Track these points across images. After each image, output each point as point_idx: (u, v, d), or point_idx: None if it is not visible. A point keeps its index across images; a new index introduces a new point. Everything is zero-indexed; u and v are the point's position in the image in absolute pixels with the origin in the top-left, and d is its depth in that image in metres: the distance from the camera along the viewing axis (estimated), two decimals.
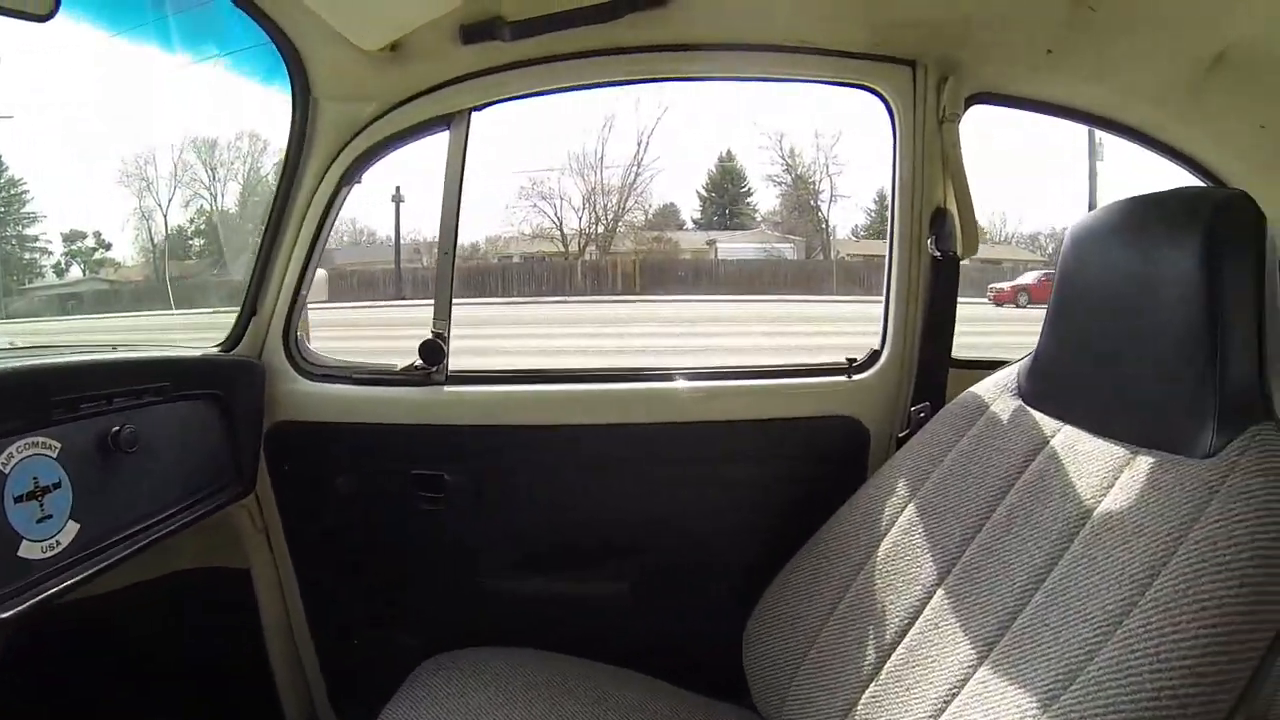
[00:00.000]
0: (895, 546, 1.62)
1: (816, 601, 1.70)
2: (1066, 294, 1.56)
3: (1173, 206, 1.36)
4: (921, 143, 2.09)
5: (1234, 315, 1.24)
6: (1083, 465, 1.40)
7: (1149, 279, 1.34)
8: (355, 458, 2.13)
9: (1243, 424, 1.21)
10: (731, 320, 19.80)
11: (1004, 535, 1.44)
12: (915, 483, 1.68)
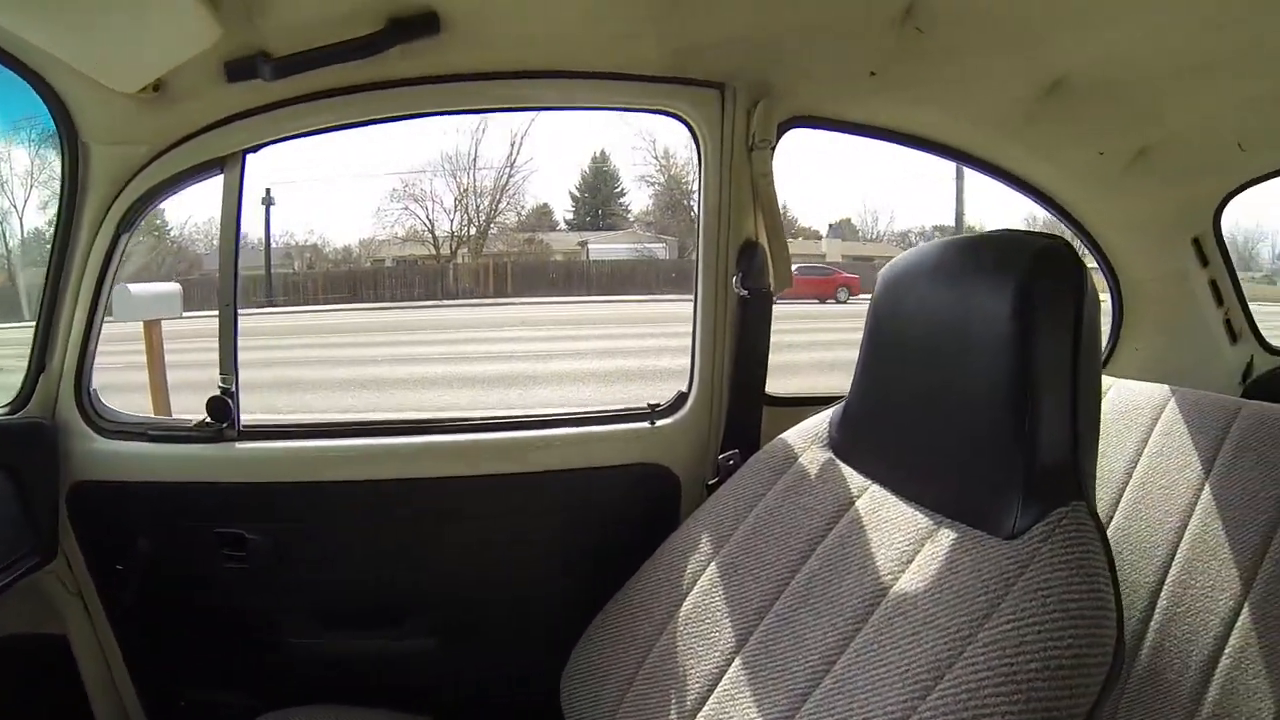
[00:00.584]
0: (697, 608, 1.53)
1: (624, 658, 1.61)
2: (877, 340, 1.48)
3: (989, 253, 1.26)
4: (729, 171, 1.97)
5: (1046, 380, 1.15)
6: (885, 534, 1.31)
7: (961, 331, 1.24)
8: (157, 517, 2.01)
9: (1050, 504, 1.12)
10: (604, 322, 19.58)
11: (801, 606, 1.35)
12: (720, 538, 1.59)
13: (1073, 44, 1.73)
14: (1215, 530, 1.82)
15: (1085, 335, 1.16)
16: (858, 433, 1.52)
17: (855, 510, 1.42)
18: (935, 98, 2.03)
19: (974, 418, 1.22)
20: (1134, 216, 2.41)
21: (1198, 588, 1.77)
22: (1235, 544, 1.77)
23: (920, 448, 1.35)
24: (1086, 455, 1.19)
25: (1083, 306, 1.16)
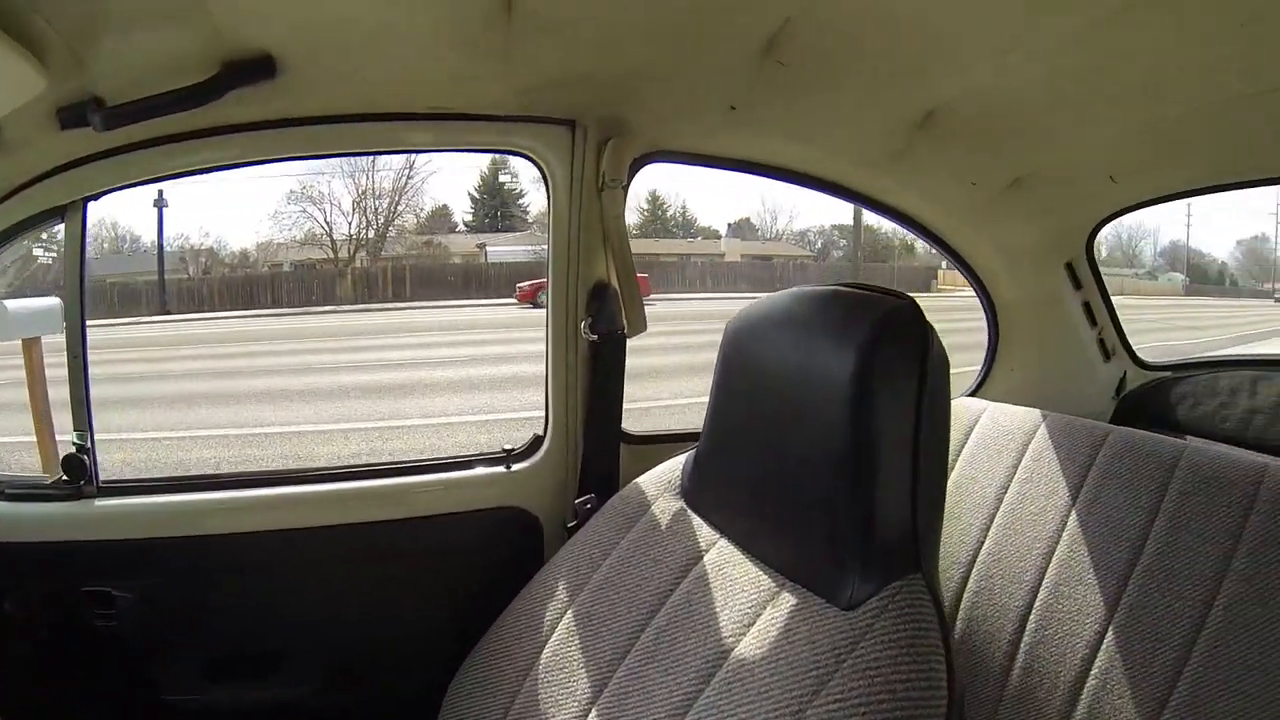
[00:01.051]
0: (556, 655, 1.51)
1: (491, 704, 1.60)
2: (724, 390, 1.44)
3: (836, 310, 1.23)
4: (579, 211, 1.93)
5: (885, 450, 1.13)
6: (729, 593, 1.29)
7: (803, 391, 1.21)
8: (19, 579, 1.91)
9: (886, 577, 1.10)
10: (504, 326, 19.82)
11: (649, 662, 1.33)
12: (575, 586, 1.57)
13: (942, 79, 1.72)
14: (1081, 555, 1.87)
15: (928, 404, 1.15)
16: (707, 483, 1.50)
17: (702, 566, 1.40)
18: (801, 131, 2.01)
19: (813, 482, 1.19)
20: (1007, 244, 2.45)
21: (1064, 611, 1.83)
22: (1100, 569, 1.82)
23: (765, 505, 1.33)
24: (928, 526, 1.18)
25: (926, 375, 1.15)
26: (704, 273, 34.16)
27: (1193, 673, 1.62)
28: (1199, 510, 1.77)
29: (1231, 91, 1.64)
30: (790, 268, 35.64)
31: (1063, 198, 2.28)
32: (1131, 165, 2.13)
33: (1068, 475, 2.00)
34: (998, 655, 1.91)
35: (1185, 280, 57.34)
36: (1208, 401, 2.66)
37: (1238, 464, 1.81)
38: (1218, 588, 1.67)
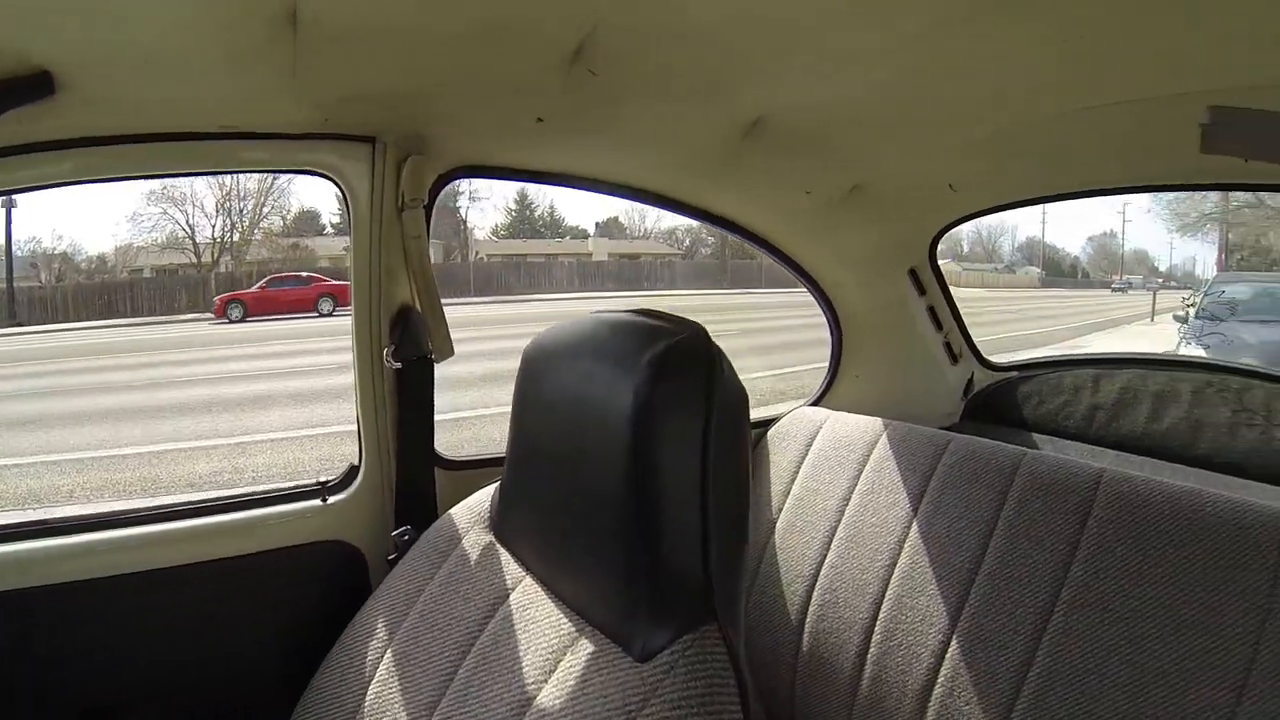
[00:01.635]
0: (379, 698, 1.45)
1: None
2: (521, 420, 1.39)
3: (623, 340, 1.16)
4: (381, 232, 1.82)
5: (670, 495, 1.06)
6: (533, 636, 1.25)
7: (590, 427, 1.15)
8: None
9: (679, 628, 1.05)
10: None
11: (461, 706, 1.29)
12: (393, 624, 1.51)
13: (769, 87, 1.67)
14: (924, 565, 1.90)
15: (718, 442, 1.09)
16: (513, 515, 1.44)
17: (508, 605, 1.35)
18: (617, 141, 1.93)
19: (602, 524, 1.13)
20: (847, 252, 2.45)
21: (909, 622, 1.86)
22: (943, 579, 1.85)
23: (564, 542, 1.26)
24: (726, 572, 1.12)
25: (712, 411, 1.08)
26: (572, 273, 34.29)
27: (1036, 677, 1.66)
28: (1038, 517, 1.80)
29: (1065, 106, 1.67)
30: (658, 266, 36.03)
31: (902, 206, 2.29)
32: (970, 175, 2.14)
33: (909, 485, 2.02)
34: (846, 666, 1.93)
35: (1041, 274, 59.63)
36: (1052, 400, 2.75)
37: (1075, 471, 1.84)
38: (1057, 594, 1.70)
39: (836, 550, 2.05)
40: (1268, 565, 1.56)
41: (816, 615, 2.02)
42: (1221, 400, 2.51)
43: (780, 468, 2.31)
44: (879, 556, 1.97)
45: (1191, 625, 1.57)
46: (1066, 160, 2.04)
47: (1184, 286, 46.93)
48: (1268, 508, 1.66)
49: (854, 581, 1.98)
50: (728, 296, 24.30)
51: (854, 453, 2.17)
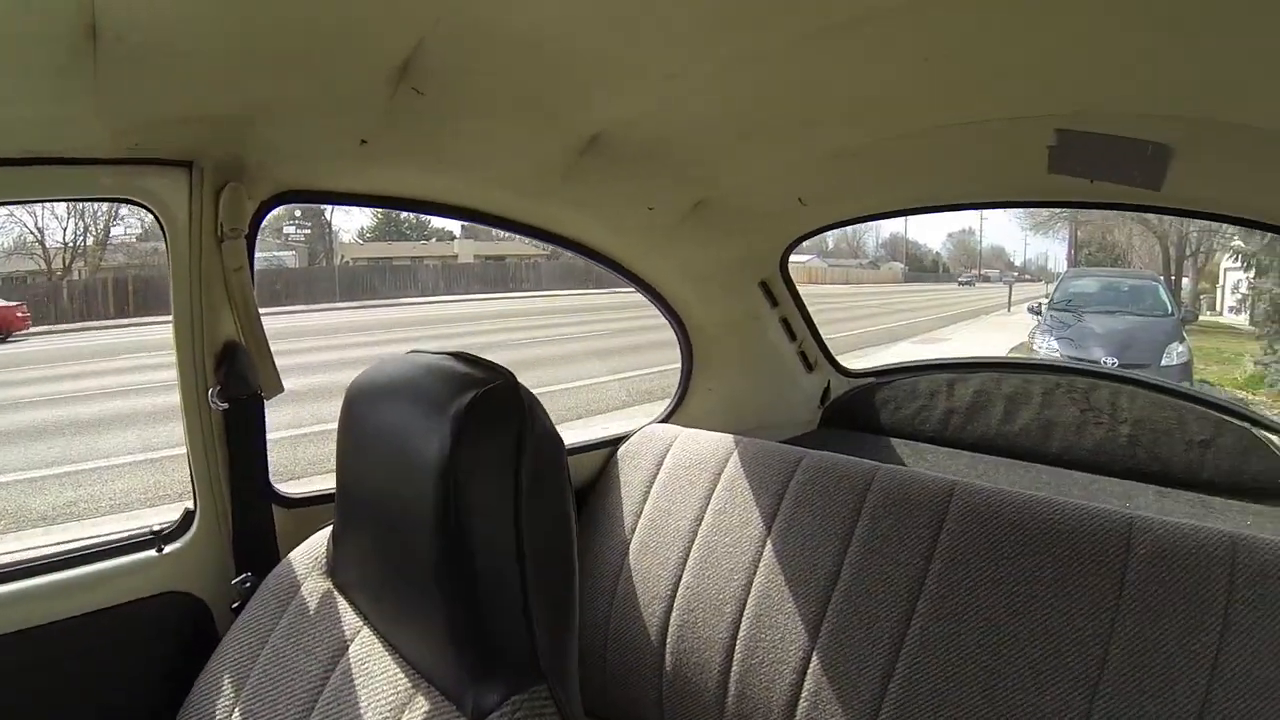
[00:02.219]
0: None
1: None
2: (346, 461, 1.33)
3: (434, 386, 1.13)
4: (200, 264, 1.68)
5: (483, 549, 1.05)
6: (372, 691, 1.19)
7: (406, 473, 1.11)
8: None
9: (507, 689, 1.03)
10: None
11: None
12: (239, 681, 1.42)
13: (605, 104, 1.63)
14: (780, 584, 1.91)
15: (532, 500, 1.08)
16: (348, 561, 1.38)
17: (348, 659, 1.29)
18: (447, 162, 1.85)
19: (425, 583, 1.09)
20: (695, 267, 2.42)
21: (769, 640, 1.88)
22: (800, 597, 1.86)
23: (394, 595, 1.22)
24: (554, 628, 1.12)
25: (522, 470, 1.07)
26: (437, 275, 33.90)
27: (897, 687, 1.72)
28: (892, 532, 1.85)
29: (914, 126, 1.70)
30: (523, 267, 35.84)
31: (750, 220, 2.28)
32: (821, 189, 2.15)
33: (761, 503, 2.03)
34: (710, 686, 1.95)
35: (904, 269, 61.13)
36: (909, 405, 2.82)
37: (927, 484, 1.89)
38: (914, 606, 1.76)
39: (692, 571, 2.05)
40: (1114, 569, 1.64)
41: (677, 636, 2.02)
42: (1070, 400, 2.62)
43: (631, 487, 2.29)
44: (735, 576, 1.98)
45: (1045, 630, 1.65)
46: (918, 176, 2.07)
47: (1037, 280, 48.88)
48: (1112, 513, 1.73)
49: (711, 602, 1.99)
50: (595, 296, 24.27)
51: (705, 471, 2.16)
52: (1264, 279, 15.38)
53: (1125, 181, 1.73)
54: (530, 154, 1.83)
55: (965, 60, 1.38)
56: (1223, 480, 2.38)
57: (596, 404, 11.11)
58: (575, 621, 1.17)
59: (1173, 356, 11.30)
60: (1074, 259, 37.34)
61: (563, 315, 21.24)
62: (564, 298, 27.22)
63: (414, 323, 19.10)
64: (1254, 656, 1.53)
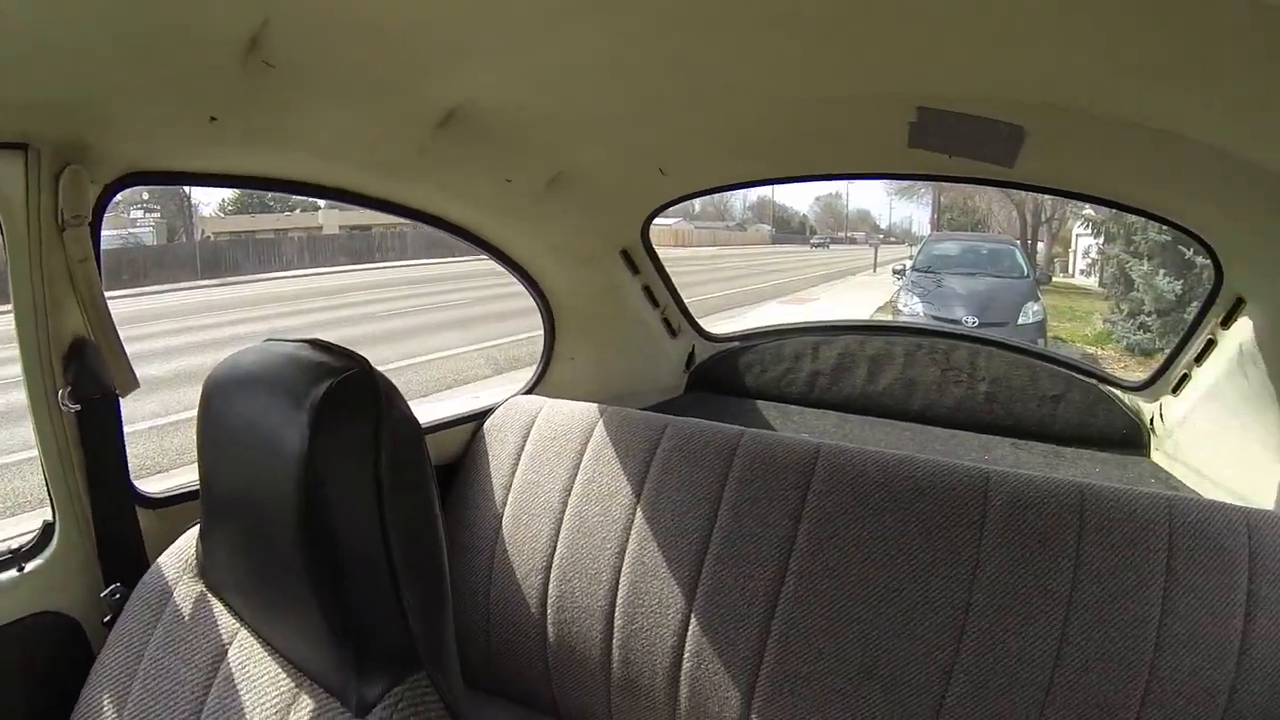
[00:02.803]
0: None
1: None
2: (207, 455, 1.26)
3: (289, 376, 1.09)
4: (41, 255, 1.52)
5: (348, 541, 1.03)
6: (256, 696, 1.15)
7: (266, 467, 1.07)
8: None
9: (387, 681, 1.02)
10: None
11: None
12: (120, 698, 1.34)
13: (460, 79, 1.60)
14: (653, 551, 1.94)
15: (393, 488, 1.06)
16: (218, 561, 1.30)
17: (228, 664, 1.23)
18: (299, 139, 1.74)
19: (295, 579, 1.05)
20: (554, 239, 2.41)
21: (648, 606, 1.93)
22: (673, 562, 1.91)
23: (267, 593, 1.18)
24: (429, 617, 1.10)
25: (381, 458, 1.05)
26: (302, 248, 32.95)
27: (775, 644, 1.81)
28: (760, 495, 1.90)
29: (775, 100, 1.72)
30: (389, 236, 35.16)
31: (610, 191, 2.28)
32: (681, 159, 2.15)
33: (629, 471, 2.05)
34: (594, 654, 1.99)
35: (772, 231, 61.85)
36: (774, 367, 2.88)
37: (793, 447, 1.95)
38: (785, 566, 1.83)
39: (565, 542, 2.07)
40: (973, 520, 1.76)
41: (557, 607, 2.04)
42: (931, 361, 2.73)
43: (499, 461, 2.28)
44: (608, 545, 2.01)
45: (913, 579, 1.77)
46: (780, 147, 2.09)
47: (901, 242, 50.14)
48: (970, 468, 1.84)
49: (587, 571, 2.02)
50: (462, 264, 23.93)
51: (571, 442, 2.17)
52: (1112, 245, 16.41)
53: (981, 158, 1.80)
54: (386, 131, 1.78)
55: (823, 39, 1.40)
56: (1072, 432, 2.59)
57: (461, 374, 10.98)
58: (449, 603, 1.16)
59: (1029, 315, 11.83)
60: (937, 224, 38.59)
61: (429, 285, 20.93)
62: (432, 266, 26.84)
63: (279, 299, 18.47)
64: (1105, 594, 1.67)
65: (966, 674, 1.70)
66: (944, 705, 1.71)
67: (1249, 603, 1.62)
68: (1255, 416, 2.04)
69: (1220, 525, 1.69)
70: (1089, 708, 1.64)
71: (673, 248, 41.19)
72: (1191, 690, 1.60)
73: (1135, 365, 12.69)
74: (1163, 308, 13.44)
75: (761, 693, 1.83)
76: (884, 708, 1.75)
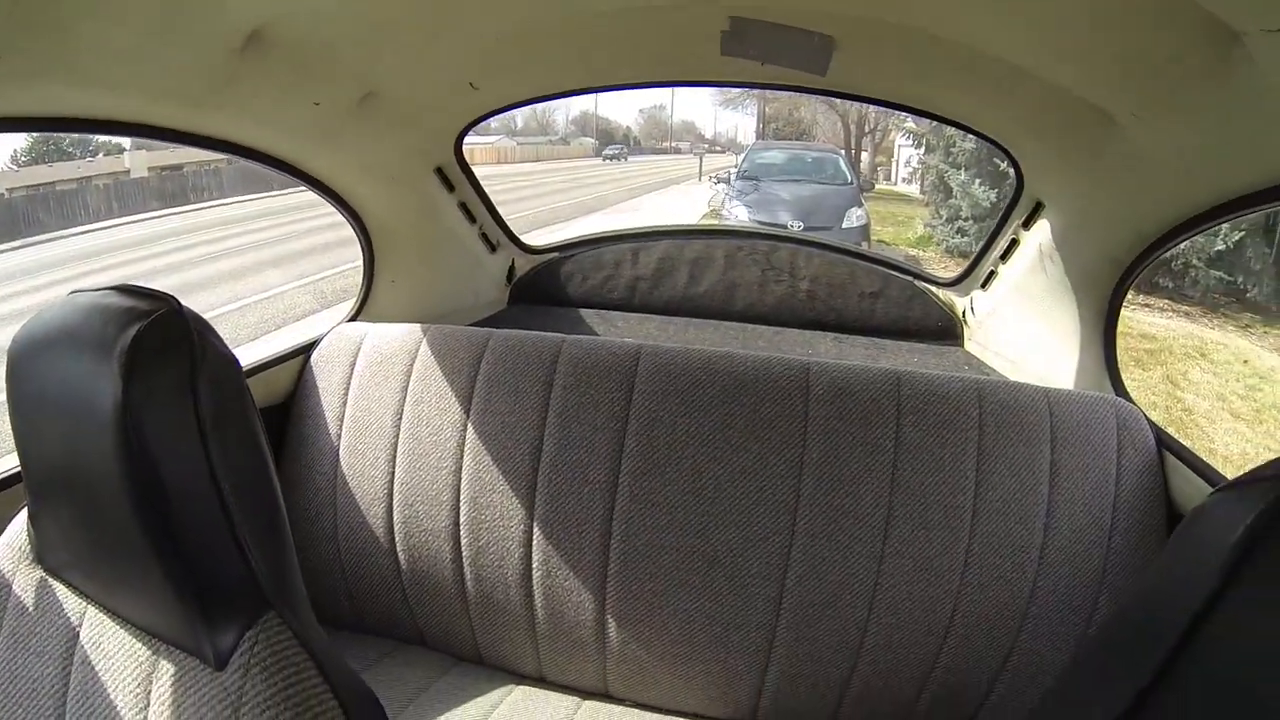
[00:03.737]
0: None
1: None
2: (19, 423, 1.18)
3: (96, 324, 1.03)
4: None
5: (174, 485, 0.99)
6: (116, 675, 1.10)
7: (83, 428, 1.02)
8: None
9: (239, 626, 1.00)
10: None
11: None
12: None
13: (248, 4, 1.51)
14: (489, 465, 2.03)
15: (216, 427, 1.02)
16: (53, 538, 1.21)
17: (82, 648, 1.16)
18: (93, 75, 1.55)
19: (129, 539, 1.00)
20: (367, 161, 2.33)
21: (490, 520, 2.03)
22: (510, 474, 2.04)
23: (106, 561, 1.10)
24: (271, 554, 1.07)
25: (201, 399, 1.01)
26: (110, 196, 31.08)
27: (617, 543, 1.94)
28: (587, 400, 1.97)
29: (585, 8, 1.73)
30: (203, 174, 33.64)
31: (421, 108, 2.24)
32: (493, 72, 2.14)
33: (456, 388, 2.08)
34: (447, 575, 2.06)
35: (595, 144, 61.67)
36: (595, 275, 2.94)
37: (614, 350, 2.02)
38: (618, 467, 1.95)
39: (403, 466, 2.09)
40: (797, 408, 1.89)
41: (404, 533, 2.08)
42: (752, 262, 2.83)
43: (329, 392, 2.26)
44: (444, 464, 2.04)
45: (744, 470, 1.90)
46: (593, 57, 2.10)
47: (726, 151, 50.70)
48: (791, 360, 1.96)
49: (427, 493, 2.05)
50: (284, 198, 23.14)
51: (397, 365, 2.17)
52: (932, 156, 17.11)
53: (794, 67, 1.85)
54: (183, 59, 1.63)
55: None
56: (891, 325, 2.76)
57: (290, 311, 10.82)
58: (289, 539, 1.13)
59: (852, 220, 12.26)
60: (762, 133, 39.07)
61: (250, 222, 20.20)
62: (251, 203, 25.89)
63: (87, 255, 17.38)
64: (925, 469, 1.86)
65: (803, 554, 1.85)
66: (785, 585, 1.86)
67: (1052, 471, 1.84)
68: (1055, 307, 2.22)
69: (1025, 404, 1.90)
70: (918, 572, 1.83)
71: (495, 165, 40.87)
72: (1007, 548, 1.82)
73: (955, 266, 13.36)
74: (979, 214, 14.29)
75: (613, 593, 1.94)
76: (730, 594, 1.88)
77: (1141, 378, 9.15)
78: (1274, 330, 11.03)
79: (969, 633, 1.83)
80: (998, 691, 1.86)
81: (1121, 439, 1.88)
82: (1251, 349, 10.31)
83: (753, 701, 1.95)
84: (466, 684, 2.07)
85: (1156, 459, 1.87)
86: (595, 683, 2.07)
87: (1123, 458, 1.86)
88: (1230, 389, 9.12)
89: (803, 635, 1.87)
